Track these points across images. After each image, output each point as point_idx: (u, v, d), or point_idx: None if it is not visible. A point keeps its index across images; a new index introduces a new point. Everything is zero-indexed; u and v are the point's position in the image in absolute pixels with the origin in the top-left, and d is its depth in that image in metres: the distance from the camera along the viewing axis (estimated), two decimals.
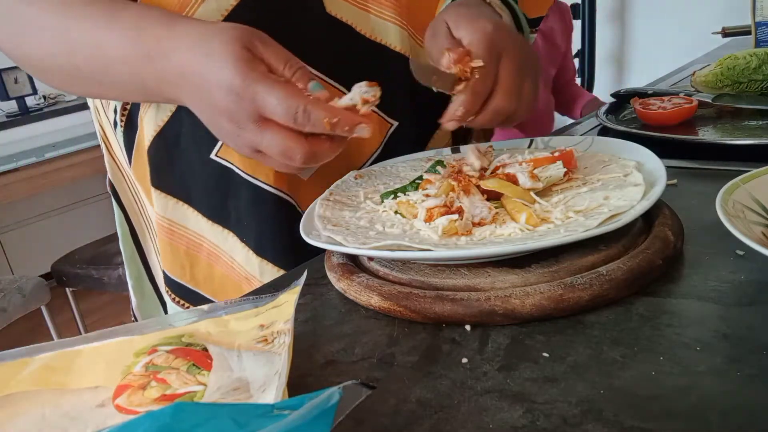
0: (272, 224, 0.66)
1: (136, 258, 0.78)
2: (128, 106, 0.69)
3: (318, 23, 0.65)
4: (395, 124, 0.71)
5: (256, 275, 0.67)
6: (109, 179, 0.77)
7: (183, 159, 0.67)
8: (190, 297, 0.70)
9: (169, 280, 0.70)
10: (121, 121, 0.69)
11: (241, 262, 0.68)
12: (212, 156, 0.66)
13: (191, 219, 0.68)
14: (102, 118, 0.75)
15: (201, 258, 0.69)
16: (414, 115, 0.72)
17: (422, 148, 0.74)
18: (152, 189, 0.68)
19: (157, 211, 0.68)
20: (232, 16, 0.61)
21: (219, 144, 0.65)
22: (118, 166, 0.76)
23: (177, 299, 0.70)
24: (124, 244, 0.78)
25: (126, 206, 0.77)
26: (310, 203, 0.58)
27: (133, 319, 0.80)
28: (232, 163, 0.66)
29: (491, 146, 0.61)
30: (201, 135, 0.64)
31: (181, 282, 0.70)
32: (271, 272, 0.67)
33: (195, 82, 0.51)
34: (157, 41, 0.52)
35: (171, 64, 0.52)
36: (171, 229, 0.69)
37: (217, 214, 0.68)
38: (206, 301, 0.69)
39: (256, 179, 0.65)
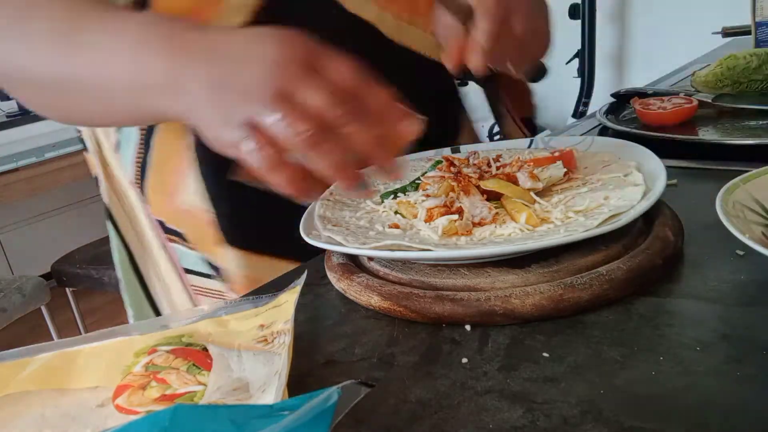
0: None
1: (137, 286, 0.75)
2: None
3: (340, 23, 0.64)
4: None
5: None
6: (106, 206, 0.75)
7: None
8: None
9: None
10: (142, 135, 0.66)
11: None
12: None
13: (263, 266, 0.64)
14: (102, 141, 0.71)
15: None
16: (437, 116, 0.71)
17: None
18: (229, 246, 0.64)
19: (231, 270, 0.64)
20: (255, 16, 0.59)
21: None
22: (114, 188, 0.73)
23: None
24: (124, 272, 0.75)
25: (123, 232, 0.75)
26: None
27: None
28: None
29: (477, 152, 0.61)
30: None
31: None
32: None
33: (227, 53, 0.44)
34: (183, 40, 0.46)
35: (198, 46, 0.45)
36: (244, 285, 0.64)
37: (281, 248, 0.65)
38: None
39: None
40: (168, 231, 0.70)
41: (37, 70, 0.52)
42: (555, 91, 2.97)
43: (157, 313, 0.76)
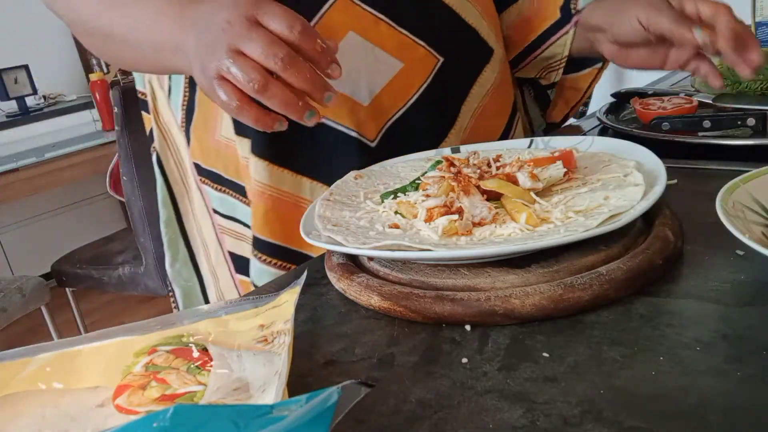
0: (344, 159, 0.70)
1: (174, 221, 0.87)
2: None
3: None
4: (441, 60, 0.72)
5: None
6: (155, 147, 0.87)
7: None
8: (281, 254, 0.74)
9: (258, 242, 0.73)
10: (186, 79, 0.77)
11: None
12: None
13: (284, 178, 0.72)
14: (155, 85, 0.83)
15: (294, 216, 0.71)
16: (460, 52, 0.74)
17: (468, 89, 0.76)
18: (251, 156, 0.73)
19: (254, 177, 0.73)
20: None
21: None
22: (164, 135, 0.85)
23: (268, 259, 0.74)
24: (164, 207, 0.87)
25: (168, 173, 0.86)
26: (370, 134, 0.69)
27: (163, 281, 0.85)
28: None
29: (477, 152, 0.61)
30: None
31: (273, 241, 0.73)
32: None
33: (202, 21, 0.56)
34: None
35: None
36: (261, 191, 0.73)
37: (301, 165, 0.72)
38: (297, 255, 0.74)
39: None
40: (202, 173, 0.79)
41: (89, 25, 0.69)
42: None
43: (189, 251, 0.87)
